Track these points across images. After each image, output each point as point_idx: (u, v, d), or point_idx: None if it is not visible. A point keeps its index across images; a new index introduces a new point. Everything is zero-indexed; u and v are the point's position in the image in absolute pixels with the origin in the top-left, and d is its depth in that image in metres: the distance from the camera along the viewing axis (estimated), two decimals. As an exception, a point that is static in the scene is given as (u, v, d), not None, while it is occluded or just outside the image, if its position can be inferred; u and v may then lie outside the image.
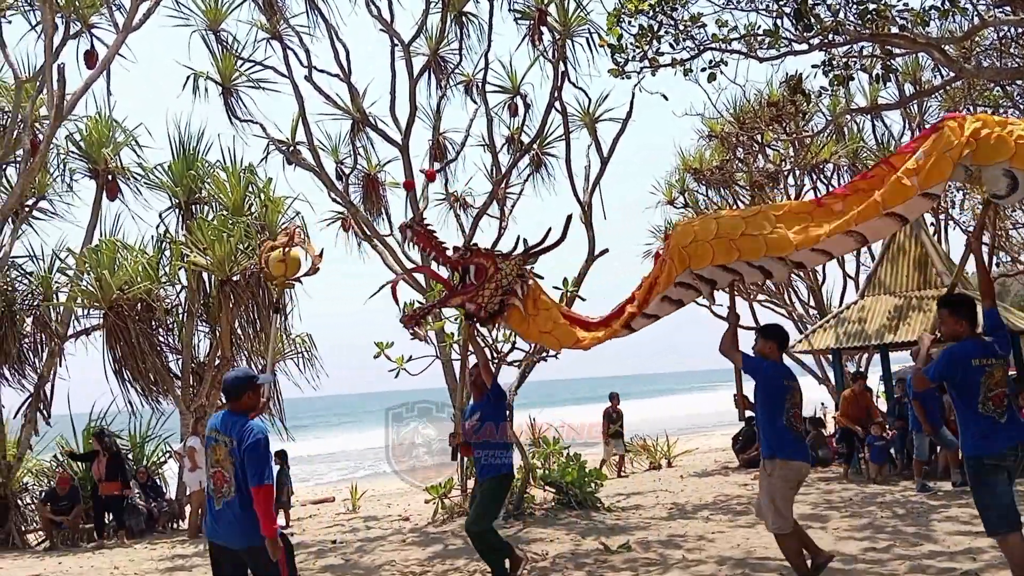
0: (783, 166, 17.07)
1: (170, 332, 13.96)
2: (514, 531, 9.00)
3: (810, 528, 8.19)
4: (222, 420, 4.77)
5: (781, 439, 5.65)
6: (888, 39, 11.13)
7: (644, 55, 12.19)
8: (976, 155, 4.62)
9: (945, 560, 6.52)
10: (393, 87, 12.35)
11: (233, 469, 4.59)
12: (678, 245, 5.27)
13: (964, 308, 5.18)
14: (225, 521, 4.65)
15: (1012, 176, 4.65)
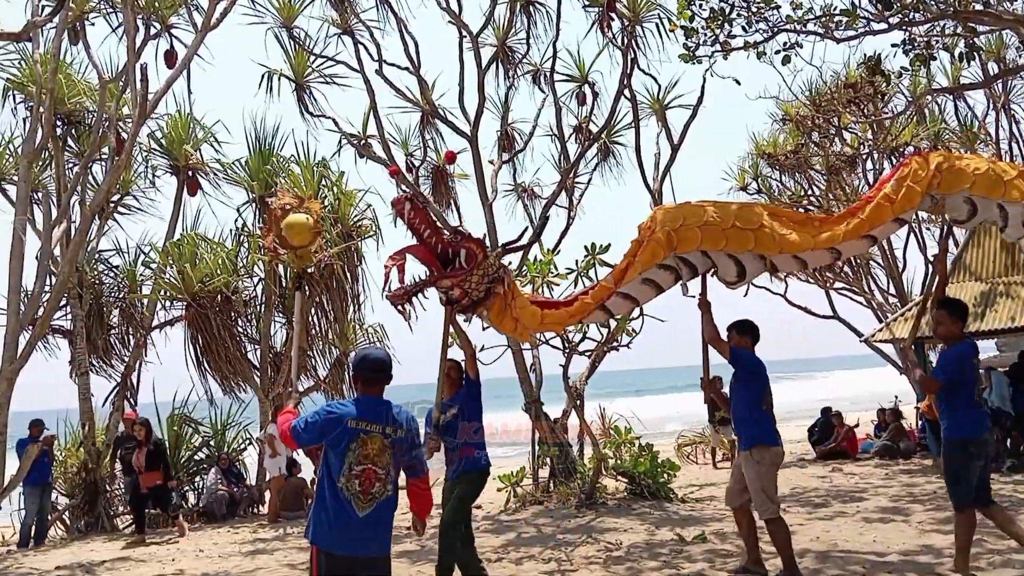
0: (861, 150, 16.57)
1: (248, 323, 14.34)
2: (586, 520, 9.01)
3: (892, 521, 8.01)
4: (370, 408, 4.02)
5: (763, 426, 5.97)
6: (971, 16, 10.71)
7: (716, 39, 11.99)
8: (942, 185, 5.29)
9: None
10: (461, 79, 12.41)
11: (392, 463, 4.00)
12: (665, 227, 5.34)
13: (961, 310, 5.72)
14: (373, 527, 3.94)
15: (972, 203, 5.34)
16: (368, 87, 12.21)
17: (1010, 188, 5.23)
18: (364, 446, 3.92)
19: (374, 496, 3.91)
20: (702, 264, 5.45)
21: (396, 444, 4.01)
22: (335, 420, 3.92)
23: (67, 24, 10.81)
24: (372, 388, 4.10)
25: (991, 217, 5.36)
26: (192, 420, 13.53)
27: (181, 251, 13.16)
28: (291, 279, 5.47)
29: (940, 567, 6.14)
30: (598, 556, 7.33)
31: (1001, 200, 5.25)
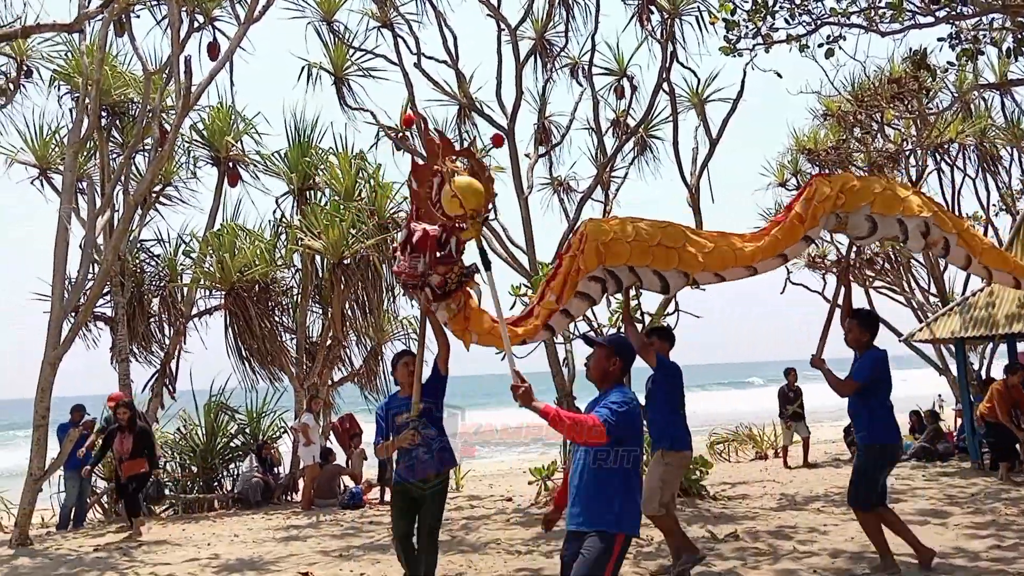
0: (904, 146, 16.26)
1: (285, 313, 14.53)
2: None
3: (929, 523, 7.87)
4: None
5: (680, 430, 6.39)
6: (1021, 9, 10.44)
7: (757, 31, 11.85)
8: (846, 204, 5.60)
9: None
10: (499, 72, 12.40)
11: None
12: (595, 240, 5.36)
13: (871, 321, 6.32)
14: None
15: (872, 220, 5.67)
16: (406, 80, 12.26)
17: (907, 204, 5.65)
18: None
19: None
20: (627, 279, 5.52)
21: None
22: (640, 413, 4.08)
23: (113, 16, 11.01)
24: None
25: (891, 232, 5.76)
26: (228, 407, 13.74)
27: (221, 241, 13.36)
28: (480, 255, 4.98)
29: (976, 570, 6.02)
30: (629, 552, 7.30)
31: (900, 216, 5.63)
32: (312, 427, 12.37)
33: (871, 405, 6.06)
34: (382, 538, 8.77)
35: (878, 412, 6.04)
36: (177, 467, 13.17)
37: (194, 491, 12.68)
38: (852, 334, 6.20)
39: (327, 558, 7.92)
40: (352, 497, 11.78)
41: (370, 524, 9.90)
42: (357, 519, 10.43)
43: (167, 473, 12.99)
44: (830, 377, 6.11)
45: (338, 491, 12.31)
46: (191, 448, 13.08)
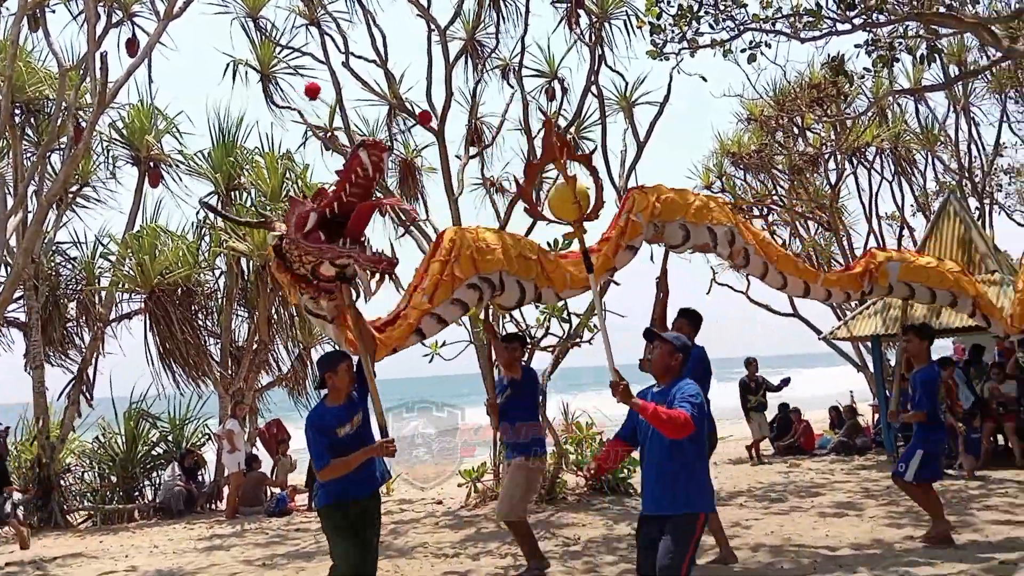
0: (824, 149, 16.75)
1: (209, 316, 14.18)
2: (546, 515, 9.03)
3: (846, 516, 8.12)
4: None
5: (542, 435, 6.81)
6: (933, 18, 10.85)
7: (683, 36, 12.05)
8: (662, 215, 6.06)
9: (986, 549, 6.39)
10: (429, 72, 12.33)
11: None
12: (466, 249, 5.48)
13: (699, 322, 6.50)
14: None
15: (686, 229, 6.14)
16: (334, 79, 12.08)
17: (715, 213, 6.19)
18: None
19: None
20: (495, 287, 5.64)
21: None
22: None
23: (27, 10, 10.59)
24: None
25: (702, 239, 6.21)
26: (150, 415, 13.35)
27: (141, 243, 12.97)
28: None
29: (890, 562, 6.22)
30: (555, 551, 7.35)
31: (709, 224, 6.15)
32: (237, 433, 12.09)
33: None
34: (308, 545, 8.63)
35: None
36: (95, 477, 12.72)
37: (113, 501, 12.25)
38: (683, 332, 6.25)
39: (250, 567, 7.75)
40: (278, 504, 11.56)
41: (296, 531, 9.72)
42: (283, 527, 10.24)
43: (85, 484, 12.56)
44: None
45: (264, 498, 12.07)
46: (110, 457, 12.64)
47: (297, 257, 4.77)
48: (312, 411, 5.08)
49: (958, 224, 12.19)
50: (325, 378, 4.97)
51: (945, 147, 18.78)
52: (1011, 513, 7.79)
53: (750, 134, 17.76)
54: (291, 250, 4.77)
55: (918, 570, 5.90)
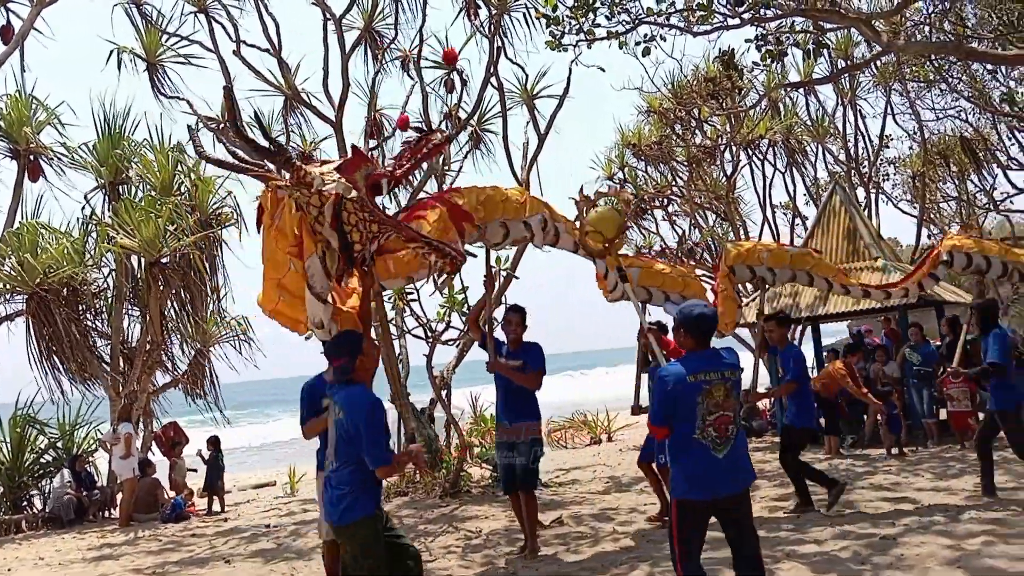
0: (719, 142, 17.21)
1: (98, 316, 13.57)
2: (450, 509, 9.00)
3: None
4: (705, 359, 4.24)
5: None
6: (818, 14, 11.25)
7: (580, 28, 12.17)
8: (484, 216, 6.05)
9: (867, 526, 6.67)
10: (326, 62, 12.09)
11: (736, 403, 4.24)
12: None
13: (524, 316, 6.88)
14: (734, 465, 4.20)
15: (505, 226, 6.24)
16: (224, 69, 11.71)
17: (530, 206, 6.38)
18: (711, 396, 4.16)
19: (729, 438, 4.17)
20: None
21: (736, 386, 4.26)
22: (676, 384, 4.17)
23: None
24: (700, 343, 4.33)
25: (520, 233, 6.38)
26: (37, 421, 12.69)
27: (21, 241, 12.29)
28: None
29: (776, 542, 6.43)
30: (457, 545, 7.33)
31: (526, 218, 6.35)
32: (130, 438, 11.61)
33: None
34: (202, 551, 8.37)
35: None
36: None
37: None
38: (519, 329, 6.77)
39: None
40: (174, 509, 11.17)
41: (192, 537, 9.41)
42: (178, 532, 9.90)
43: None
44: (513, 374, 6.63)
45: (159, 504, 11.64)
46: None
47: (360, 220, 4.30)
48: (369, 394, 4.28)
49: (843, 213, 12.71)
50: (355, 363, 4.33)
51: (834, 139, 19.56)
52: (891, 490, 8.16)
53: (650, 126, 18.10)
54: (356, 211, 4.28)
55: (804, 548, 6.11)
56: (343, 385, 4.32)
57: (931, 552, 5.66)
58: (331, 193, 4.14)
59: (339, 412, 4.26)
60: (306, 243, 4.35)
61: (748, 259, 7.90)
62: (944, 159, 20.24)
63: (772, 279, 8.10)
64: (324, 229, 4.27)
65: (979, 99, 18.46)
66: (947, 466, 9.25)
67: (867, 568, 5.46)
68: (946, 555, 5.56)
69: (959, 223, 22.00)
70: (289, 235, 4.38)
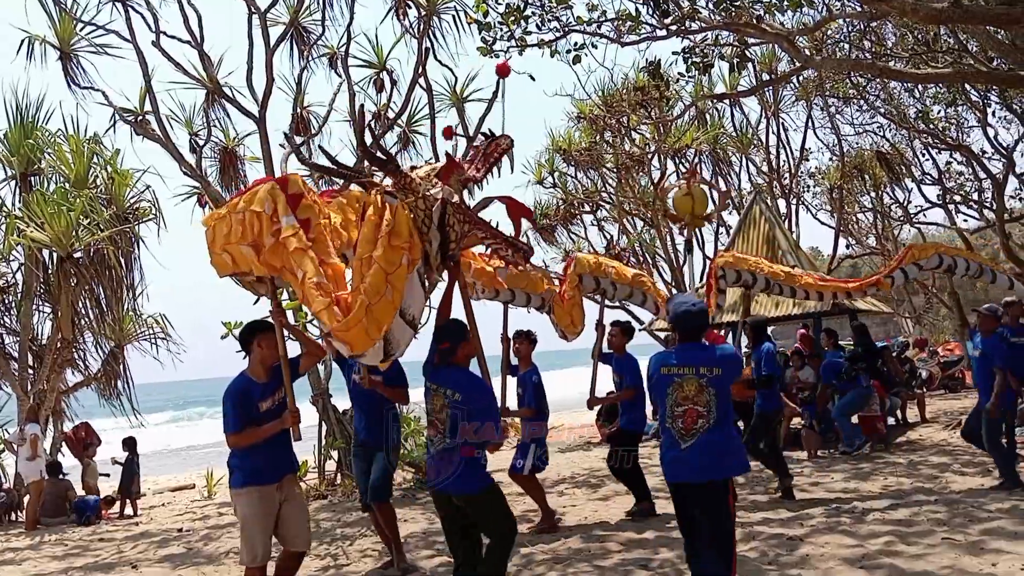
0: (648, 150, 17.48)
1: (7, 312, 13.04)
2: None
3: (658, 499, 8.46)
4: (683, 354, 4.48)
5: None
6: (741, 28, 11.53)
7: (511, 34, 12.22)
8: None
9: (776, 526, 6.84)
10: (250, 56, 11.84)
11: (714, 399, 4.38)
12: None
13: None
14: (697, 456, 4.37)
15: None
16: (142, 60, 11.36)
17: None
18: (682, 389, 4.40)
19: (698, 430, 4.37)
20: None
21: (714, 382, 4.38)
22: (652, 374, 4.57)
23: None
24: (687, 337, 4.54)
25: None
26: None
27: (-78, 233, 11.72)
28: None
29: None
30: (374, 549, 7.24)
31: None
32: (38, 438, 11.16)
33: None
34: (109, 556, 8.08)
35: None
36: None
37: None
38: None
39: (40, 583, 7.17)
40: (83, 512, 10.76)
41: (99, 541, 9.07)
42: (86, 536, 9.54)
43: None
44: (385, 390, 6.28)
45: (68, 508, 11.20)
46: None
47: (456, 223, 4.64)
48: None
49: (763, 223, 13.04)
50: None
51: (758, 150, 20.09)
52: (805, 492, 8.37)
53: (580, 132, 18.28)
54: (454, 212, 4.62)
55: (713, 548, 6.22)
56: (447, 367, 4.76)
57: (835, 552, 5.83)
58: (437, 198, 4.56)
59: (454, 394, 4.68)
60: (416, 246, 4.57)
61: (596, 271, 8.00)
62: (861, 173, 20.98)
63: (612, 293, 8.20)
64: (431, 231, 4.59)
65: (895, 116, 19.22)
66: (858, 468, 9.55)
67: (773, 568, 5.60)
68: (849, 554, 5.73)
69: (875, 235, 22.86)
70: (404, 235, 4.52)
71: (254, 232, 4.68)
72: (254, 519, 4.85)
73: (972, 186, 21.35)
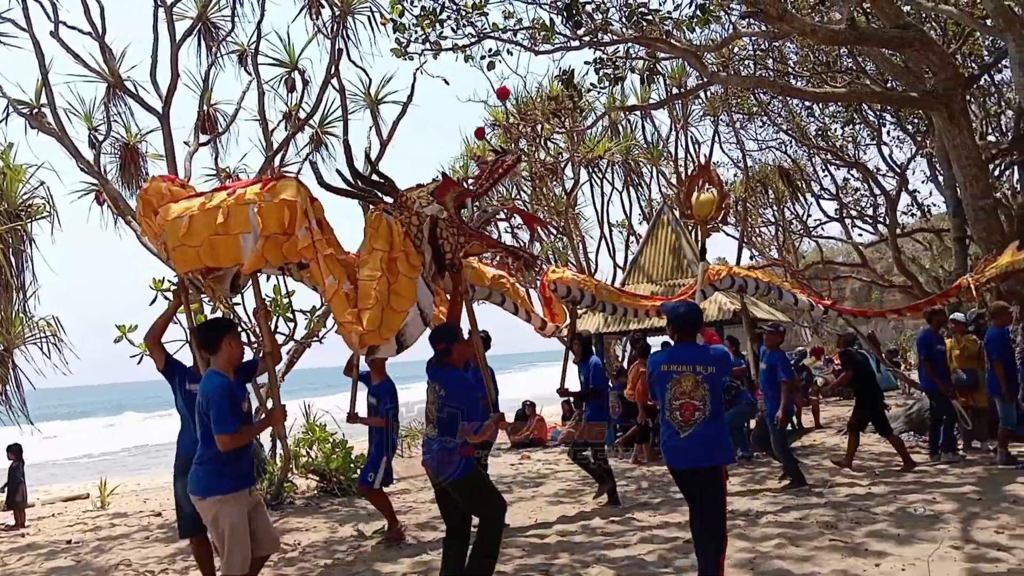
0: (560, 159, 17.69)
1: None
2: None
3: (562, 503, 8.55)
4: (681, 352, 4.97)
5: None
6: (651, 42, 11.81)
7: (426, 38, 12.20)
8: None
9: (675, 529, 6.99)
10: (155, 50, 11.47)
11: (708, 395, 4.84)
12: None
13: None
14: (694, 445, 4.85)
15: None
16: (38, 50, 10.85)
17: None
18: (679, 385, 4.88)
19: (694, 422, 4.84)
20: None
21: (708, 379, 4.84)
22: (653, 370, 5.05)
23: None
24: (684, 336, 5.00)
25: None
26: None
27: None
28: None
29: (590, 547, 6.63)
30: (272, 558, 7.07)
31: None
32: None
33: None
34: (-13, 570, 7.67)
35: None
36: None
37: None
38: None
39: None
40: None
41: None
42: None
43: None
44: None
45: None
46: None
47: (450, 235, 5.21)
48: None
49: (670, 233, 13.37)
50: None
51: (667, 162, 20.57)
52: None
53: (495, 139, 18.34)
54: (446, 227, 5.17)
55: (613, 552, 6.33)
56: (442, 367, 5.20)
57: (728, 555, 5.97)
58: (427, 215, 5.11)
59: (440, 390, 5.16)
60: (413, 255, 5.11)
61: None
62: (764, 187, 21.72)
63: (471, 295, 8.42)
64: (423, 244, 5.15)
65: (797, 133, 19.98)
66: (754, 472, 9.86)
67: (669, 570, 5.73)
68: (741, 557, 5.91)
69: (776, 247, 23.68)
70: (397, 247, 5.08)
71: (283, 223, 4.84)
72: (242, 525, 4.69)
73: (867, 202, 22.36)
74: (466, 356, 5.44)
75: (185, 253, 5.06)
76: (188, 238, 5.00)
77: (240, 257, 4.97)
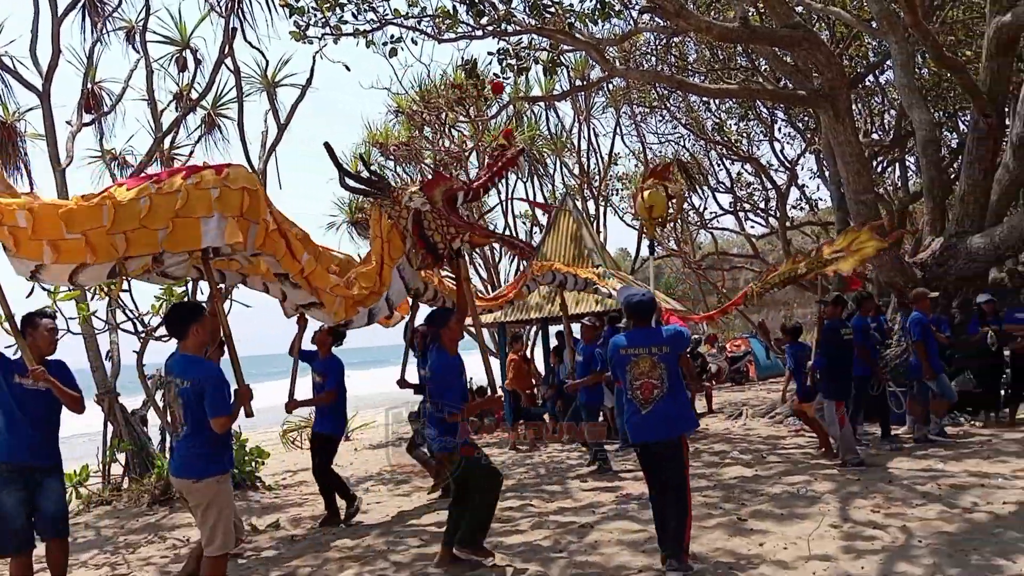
0: (465, 148, 17.65)
1: None
2: (157, 518, 8.39)
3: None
4: (638, 336, 5.29)
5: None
6: (553, 34, 11.90)
7: (326, 21, 11.94)
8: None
9: (570, 514, 7.10)
10: (35, 25, 10.85)
11: (665, 372, 5.16)
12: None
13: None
14: (654, 420, 5.18)
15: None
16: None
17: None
18: (637, 366, 5.21)
19: (654, 399, 5.17)
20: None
21: (664, 359, 5.17)
22: (612, 354, 5.39)
23: None
24: (639, 322, 5.34)
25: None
26: None
27: None
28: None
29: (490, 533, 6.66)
30: (161, 556, 6.85)
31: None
32: None
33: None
34: None
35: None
36: None
37: None
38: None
39: None
40: None
41: None
42: None
43: None
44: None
45: None
46: None
47: (439, 227, 5.55)
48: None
49: (571, 222, 13.52)
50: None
51: (571, 153, 20.81)
52: (603, 480, 8.74)
53: (399, 126, 18.17)
54: (434, 219, 5.53)
55: (510, 539, 6.38)
56: (436, 349, 5.71)
57: (620, 538, 6.14)
58: (412, 207, 5.56)
59: (427, 372, 5.77)
60: (396, 244, 5.66)
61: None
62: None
63: None
64: (409, 235, 5.63)
65: (695, 127, 20.52)
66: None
67: (563, 555, 5.81)
68: (632, 539, 6.05)
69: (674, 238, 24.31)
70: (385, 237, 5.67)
71: (242, 208, 4.62)
72: (228, 505, 4.78)
73: (760, 195, 23.20)
74: (457, 340, 5.81)
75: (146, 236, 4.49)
76: (150, 221, 4.47)
77: (199, 243, 4.58)
